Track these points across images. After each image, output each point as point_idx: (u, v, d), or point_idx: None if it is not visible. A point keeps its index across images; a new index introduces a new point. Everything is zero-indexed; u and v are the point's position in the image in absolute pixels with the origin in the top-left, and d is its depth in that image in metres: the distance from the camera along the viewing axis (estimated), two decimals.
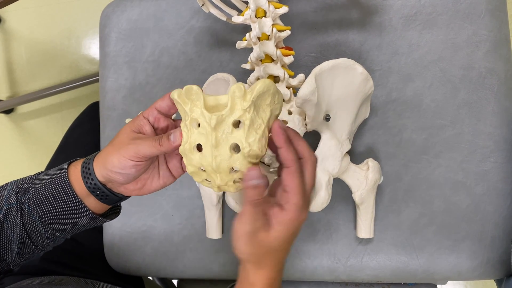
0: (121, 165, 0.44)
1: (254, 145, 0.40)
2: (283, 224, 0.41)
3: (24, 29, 1.59)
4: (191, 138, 0.41)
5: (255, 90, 0.39)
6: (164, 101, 0.46)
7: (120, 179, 0.45)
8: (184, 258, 0.74)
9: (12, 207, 0.48)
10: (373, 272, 0.67)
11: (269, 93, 0.40)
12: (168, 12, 0.77)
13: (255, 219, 0.40)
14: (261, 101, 0.40)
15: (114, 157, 0.44)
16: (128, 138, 0.45)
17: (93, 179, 0.46)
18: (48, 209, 0.47)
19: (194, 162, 0.42)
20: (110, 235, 0.77)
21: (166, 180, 0.49)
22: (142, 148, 0.43)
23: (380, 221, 0.66)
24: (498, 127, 0.64)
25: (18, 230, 0.48)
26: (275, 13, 0.56)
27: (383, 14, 0.67)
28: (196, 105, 0.40)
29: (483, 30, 0.64)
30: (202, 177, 0.43)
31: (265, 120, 0.41)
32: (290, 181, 0.41)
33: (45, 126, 1.58)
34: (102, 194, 0.47)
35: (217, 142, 0.40)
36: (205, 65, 0.75)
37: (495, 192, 0.64)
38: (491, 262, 0.64)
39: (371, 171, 0.60)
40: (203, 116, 0.40)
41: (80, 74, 1.54)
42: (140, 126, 0.46)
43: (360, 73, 0.55)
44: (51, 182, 0.47)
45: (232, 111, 0.39)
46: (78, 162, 0.49)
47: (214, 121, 0.39)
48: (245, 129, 0.39)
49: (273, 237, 0.41)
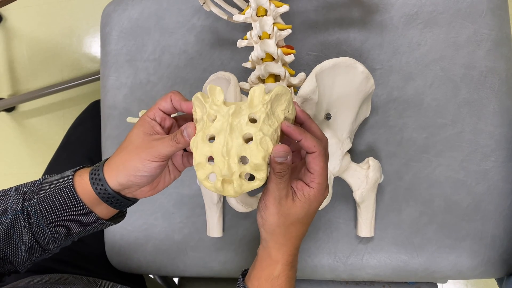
0: (146, 168, 0.45)
1: (268, 133, 0.41)
2: (308, 198, 0.44)
3: (25, 27, 1.60)
4: (206, 130, 0.42)
5: (274, 91, 0.42)
6: (167, 102, 0.47)
7: (144, 182, 0.46)
8: (185, 256, 0.74)
9: (18, 215, 0.48)
10: (374, 271, 0.67)
11: (286, 99, 0.43)
12: (169, 10, 0.77)
13: (281, 187, 0.43)
14: (277, 105, 0.43)
15: (137, 162, 0.45)
16: (144, 141, 0.45)
17: (105, 188, 0.46)
18: (56, 217, 0.48)
19: (204, 151, 0.42)
20: (112, 233, 0.78)
21: (175, 175, 0.51)
22: (162, 148, 0.44)
23: (380, 220, 0.66)
24: (499, 126, 0.64)
25: (27, 237, 0.48)
26: (276, 12, 0.56)
27: (384, 13, 0.67)
28: (216, 101, 0.42)
29: (484, 29, 0.64)
30: (206, 171, 0.43)
31: (279, 121, 0.43)
32: (316, 164, 0.43)
33: (46, 124, 1.58)
34: (116, 202, 0.48)
35: (232, 129, 0.41)
36: (206, 64, 0.75)
37: (496, 191, 0.64)
38: (491, 261, 0.64)
39: (371, 170, 0.60)
40: (221, 108, 0.42)
41: (82, 72, 1.55)
42: (152, 128, 0.47)
43: (361, 72, 0.55)
44: (58, 192, 0.47)
45: (251, 106, 0.42)
46: (83, 171, 0.49)
47: (232, 110, 0.41)
48: (259, 122, 0.41)
49: (298, 206, 0.45)
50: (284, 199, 0.44)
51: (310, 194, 0.44)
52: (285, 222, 0.45)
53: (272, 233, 0.46)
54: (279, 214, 0.44)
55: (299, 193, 0.45)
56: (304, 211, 0.45)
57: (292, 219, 0.45)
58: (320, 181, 0.44)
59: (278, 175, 0.42)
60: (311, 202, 0.45)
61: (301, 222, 0.46)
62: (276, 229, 0.46)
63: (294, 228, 0.46)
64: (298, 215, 0.45)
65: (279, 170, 0.42)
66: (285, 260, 0.47)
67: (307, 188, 0.44)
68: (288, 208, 0.44)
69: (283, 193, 0.44)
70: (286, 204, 0.44)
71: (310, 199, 0.45)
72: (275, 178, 0.43)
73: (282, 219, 0.45)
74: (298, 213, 0.45)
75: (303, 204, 0.45)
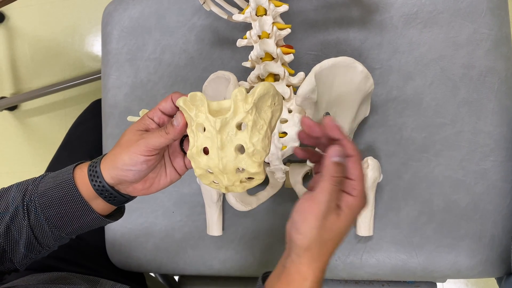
0: (132, 162, 0.45)
1: (258, 145, 0.41)
2: (351, 209, 0.42)
3: (28, 26, 1.60)
4: (198, 142, 0.43)
5: (256, 92, 0.40)
6: (168, 102, 0.47)
7: (131, 177, 0.46)
8: (184, 254, 0.74)
9: (18, 209, 0.48)
10: (373, 269, 0.67)
11: (269, 95, 0.42)
12: (169, 10, 0.77)
13: (332, 198, 0.40)
14: (262, 103, 0.42)
15: (124, 156, 0.45)
16: (135, 136, 0.46)
17: (101, 181, 0.47)
18: (55, 212, 0.48)
19: (201, 165, 0.44)
20: (112, 231, 0.78)
21: (172, 178, 0.50)
22: (151, 140, 0.44)
23: (379, 219, 0.66)
24: (498, 126, 0.64)
25: (26, 232, 0.49)
26: (276, 11, 0.56)
27: (384, 12, 0.67)
28: (200, 111, 0.42)
29: (484, 28, 0.64)
30: (209, 179, 0.45)
31: (267, 121, 0.42)
32: (355, 169, 0.42)
33: (48, 123, 1.59)
34: (110, 196, 0.48)
35: (223, 144, 0.41)
36: (206, 63, 0.75)
37: (495, 190, 0.64)
38: (490, 261, 0.64)
39: (370, 169, 0.60)
40: (208, 120, 0.41)
41: (84, 71, 1.55)
42: (147, 125, 0.47)
43: (360, 71, 0.55)
44: (58, 186, 0.48)
45: (235, 114, 0.41)
46: (83, 165, 0.49)
47: (218, 124, 0.41)
48: (248, 130, 0.41)
49: (342, 221, 0.41)
50: (330, 213, 0.40)
51: (354, 204, 0.41)
52: (325, 237, 0.41)
53: (307, 249, 0.42)
54: (321, 228, 0.40)
55: (344, 205, 0.41)
56: (348, 224, 0.42)
57: (333, 234, 0.41)
58: (361, 188, 0.42)
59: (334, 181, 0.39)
60: (354, 213, 0.42)
61: (341, 236, 0.43)
62: (313, 244, 0.41)
63: (332, 243, 0.42)
64: (340, 229, 0.41)
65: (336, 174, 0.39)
66: (315, 277, 0.42)
67: (350, 198, 0.41)
68: (332, 222, 0.41)
69: (332, 205, 0.40)
70: (331, 218, 0.41)
71: (353, 210, 0.42)
72: (330, 185, 0.39)
73: (322, 234, 0.41)
74: (341, 228, 0.41)
75: (347, 217, 0.41)
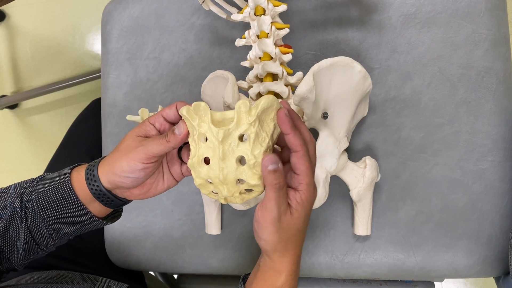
0: (130, 169, 0.45)
1: (259, 157, 0.42)
2: (301, 204, 0.43)
3: (28, 25, 1.61)
4: (199, 152, 0.43)
5: (260, 105, 0.41)
6: (172, 110, 0.47)
7: (128, 184, 0.46)
8: (183, 253, 0.75)
9: (16, 211, 0.49)
10: (370, 269, 0.67)
11: (273, 108, 0.42)
12: (169, 9, 0.77)
13: (280, 203, 0.42)
14: (265, 116, 0.42)
15: (123, 162, 0.45)
16: (135, 142, 0.46)
17: (98, 186, 0.47)
18: (52, 214, 0.48)
19: (202, 175, 0.44)
20: (111, 230, 0.78)
21: (169, 184, 0.51)
22: (151, 147, 0.44)
23: (377, 218, 0.67)
24: (496, 126, 0.64)
25: (23, 233, 0.49)
26: (274, 11, 0.56)
27: (382, 12, 0.67)
28: (203, 120, 0.42)
29: (482, 29, 0.64)
30: (209, 189, 0.46)
31: (269, 134, 0.43)
32: (301, 164, 0.42)
33: (49, 121, 1.59)
34: (107, 200, 0.48)
35: (224, 155, 0.42)
36: (206, 63, 0.75)
37: (492, 190, 0.64)
38: (487, 260, 0.64)
39: (368, 169, 0.61)
40: (210, 130, 0.42)
41: (84, 70, 1.55)
42: (147, 131, 0.47)
43: (358, 71, 0.55)
44: (55, 188, 0.48)
45: (238, 125, 0.41)
46: (81, 167, 0.49)
47: (221, 135, 0.41)
48: (250, 142, 0.41)
49: (296, 217, 0.43)
50: (283, 215, 0.43)
51: (302, 198, 0.43)
52: (286, 236, 0.44)
53: (273, 250, 0.45)
54: (279, 231, 0.43)
55: (294, 203, 0.43)
56: (302, 220, 0.44)
57: (292, 231, 0.44)
58: (308, 181, 0.43)
59: (276, 188, 0.41)
60: (306, 207, 0.44)
61: (300, 230, 0.45)
62: (277, 245, 0.44)
63: (295, 238, 0.45)
64: (297, 225, 0.44)
65: (275, 181, 0.41)
66: (288, 271, 0.46)
67: (298, 194, 0.43)
68: (287, 223, 0.43)
69: (282, 209, 0.42)
70: (285, 219, 0.43)
71: (304, 205, 0.43)
72: (273, 193, 0.41)
73: (282, 235, 0.44)
74: (297, 224, 0.44)
75: (300, 213, 0.43)
